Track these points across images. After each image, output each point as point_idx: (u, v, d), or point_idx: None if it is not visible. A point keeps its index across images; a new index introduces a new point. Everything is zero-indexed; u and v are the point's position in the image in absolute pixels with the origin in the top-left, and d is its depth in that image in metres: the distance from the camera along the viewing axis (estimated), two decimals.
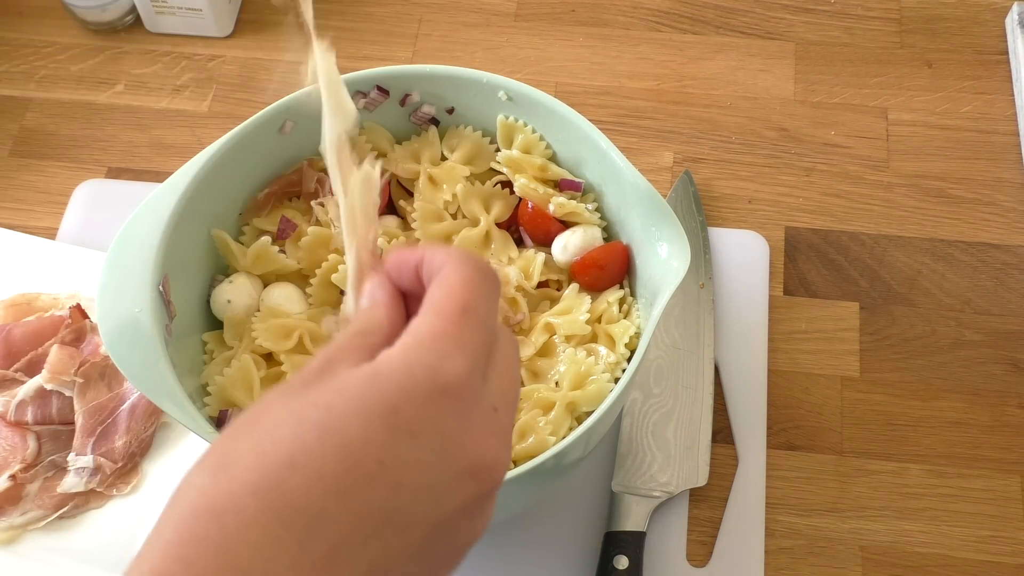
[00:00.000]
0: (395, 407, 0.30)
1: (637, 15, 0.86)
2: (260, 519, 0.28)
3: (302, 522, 0.29)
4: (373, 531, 0.30)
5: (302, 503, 0.29)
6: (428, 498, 0.31)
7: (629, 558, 0.60)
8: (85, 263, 0.73)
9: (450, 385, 0.31)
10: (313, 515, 0.29)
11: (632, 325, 0.56)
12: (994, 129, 0.78)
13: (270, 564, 0.28)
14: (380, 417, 0.30)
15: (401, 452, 0.30)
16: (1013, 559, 0.62)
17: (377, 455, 0.30)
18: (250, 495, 0.29)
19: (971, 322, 0.70)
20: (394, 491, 0.30)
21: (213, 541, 0.28)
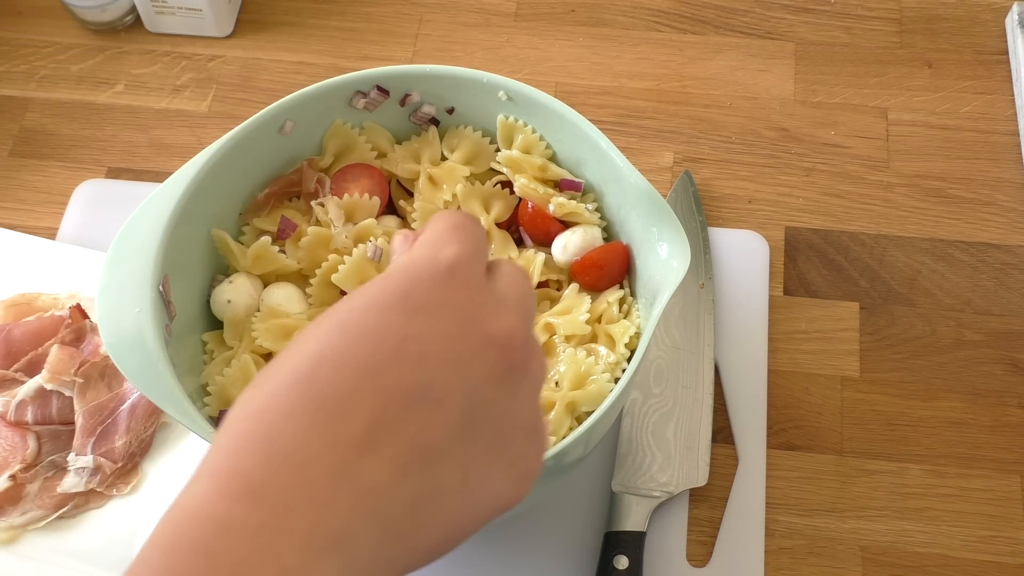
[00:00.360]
0: (406, 293, 0.33)
1: (637, 15, 0.86)
2: (297, 408, 0.30)
3: (336, 405, 0.31)
4: (407, 406, 0.31)
5: (333, 387, 0.31)
6: (454, 368, 0.32)
7: (629, 558, 0.60)
8: (85, 263, 0.73)
9: (453, 266, 0.34)
10: (346, 396, 0.31)
11: (632, 325, 0.56)
12: (994, 129, 0.78)
13: (312, 446, 0.30)
14: (394, 304, 0.33)
15: (420, 329, 0.32)
16: (1013, 559, 0.62)
17: (398, 335, 0.32)
18: (285, 393, 0.31)
19: (971, 322, 0.70)
20: (420, 364, 0.32)
21: (257, 435, 0.30)
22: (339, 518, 0.30)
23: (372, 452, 0.31)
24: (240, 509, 0.29)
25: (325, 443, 0.30)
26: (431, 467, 0.32)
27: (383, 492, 0.31)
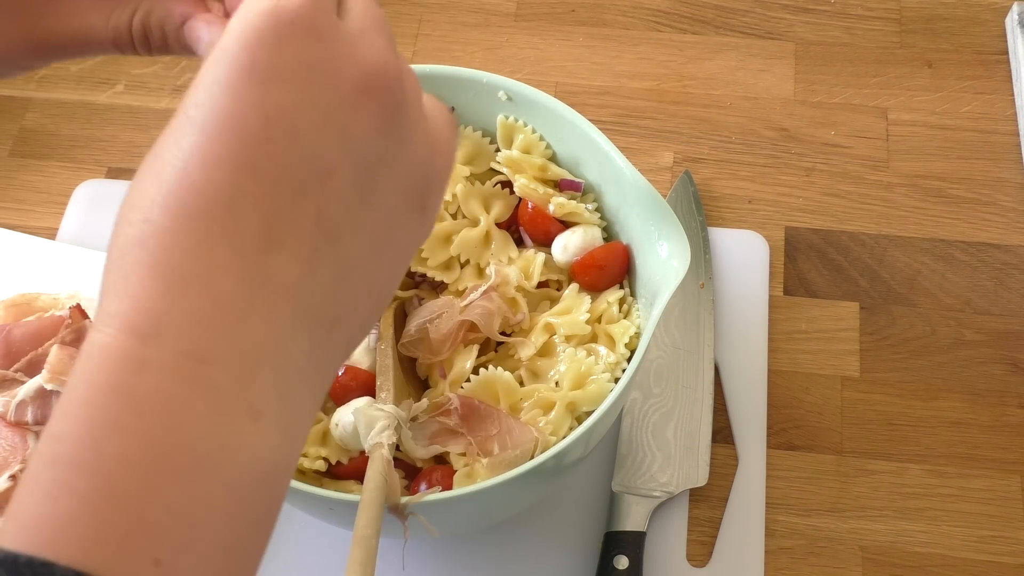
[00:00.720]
0: (251, 62, 0.28)
1: (637, 15, 0.86)
2: (180, 225, 0.27)
3: (221, 210, 0.27)
4: (297, 189, 0.28)
5: (212, 192, 0.27)
6: (331, 132, 0.29)
7: (629, 558, 0.60)
8: (85, 263, 0.73)
9: (296, 17, 0.29)
10: (227, 198, 0.27)
11: (632, 325, 0.56)
12: (994, 129, 0.78)
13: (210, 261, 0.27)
14: (241, 78, 0.28)
15: (280, 100, 0.28)
16: (1013, 559, 0.62)
17: (258, 114, 0.28)
18: (161, 212, 0.27)
19: (971, 322, 0.70)
20: (294, 140, 0.28)
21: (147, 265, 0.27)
22: (262, 327, 0.27)
23: (276, 248, 0.28)
24: (153, 344, 0.26)
25: (223, 253, 0.27)
26: (340, 243, 0.29)
27: (299, 285, 0.28)
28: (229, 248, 0.27)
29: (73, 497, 0.25)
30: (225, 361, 0.27)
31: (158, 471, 0.25)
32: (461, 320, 0.56)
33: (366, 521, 0.44)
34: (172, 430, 0.26)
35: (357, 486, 0.54)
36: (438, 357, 0.56)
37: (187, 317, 0.26)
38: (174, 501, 0.25)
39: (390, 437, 0.51)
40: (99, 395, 0.26)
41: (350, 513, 0.51)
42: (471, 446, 0.53)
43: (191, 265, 0.27)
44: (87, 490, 0.25)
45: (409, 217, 0.32)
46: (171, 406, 0.26)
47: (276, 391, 0.28)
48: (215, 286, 0.27)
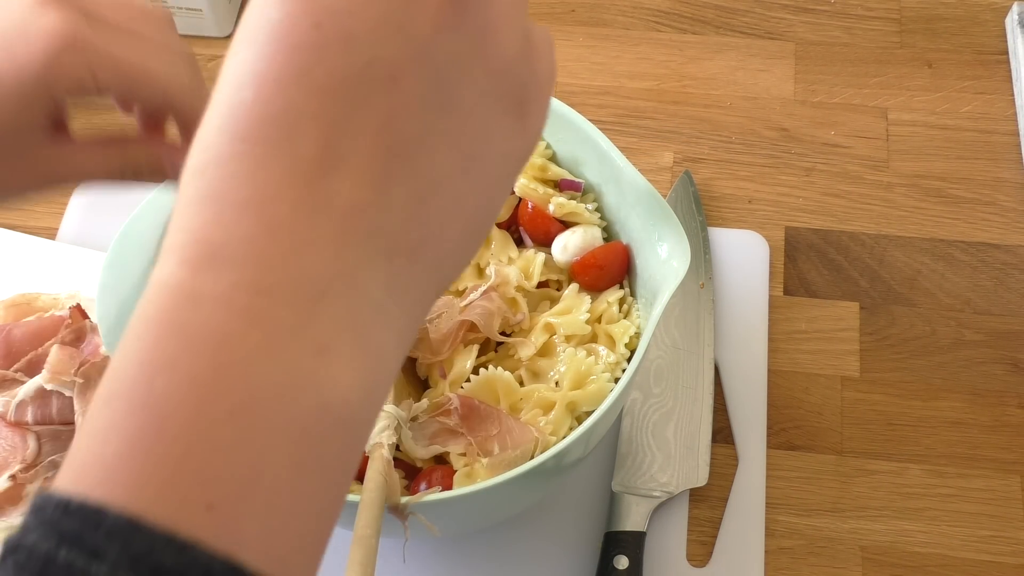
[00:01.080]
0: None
1: (637, 15, 0.86)
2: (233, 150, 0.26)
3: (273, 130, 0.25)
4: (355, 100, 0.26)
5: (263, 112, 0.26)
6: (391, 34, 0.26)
7: (629, 558, 0.60)
8: (85, 263, 0.73)
9: None
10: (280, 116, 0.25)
11: (632, 325, 0.56)
12: (994, 129, 0.78)
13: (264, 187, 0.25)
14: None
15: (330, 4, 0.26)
16: (1013, 559, 0.62)
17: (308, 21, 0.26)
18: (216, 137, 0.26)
19: (971, 322, 0.70)
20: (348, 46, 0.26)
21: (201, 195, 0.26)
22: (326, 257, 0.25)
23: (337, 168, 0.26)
24: (206, 276, 0.25)
25: (277, 177, 0.25)
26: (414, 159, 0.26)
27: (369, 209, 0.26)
28: (284, 171, 0.25)
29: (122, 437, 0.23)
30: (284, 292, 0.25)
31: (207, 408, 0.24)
32: (461, 320, 0.56)
33: (366, 521, 0.44)
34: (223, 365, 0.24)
35: (356, 486, 0.54)
36: (438, 357, 0.56)
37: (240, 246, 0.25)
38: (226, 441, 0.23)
39: (390, 437, 0.51)
40: (152, 330, 0.25)
41: (349, 513, 0.50)
42: (471, 446, 0.53)
43: (245, 191, 0.25)
44: (135, 429, 0.24)
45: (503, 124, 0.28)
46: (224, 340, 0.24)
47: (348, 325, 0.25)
48: (269, 212, 0.25)
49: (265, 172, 0.25)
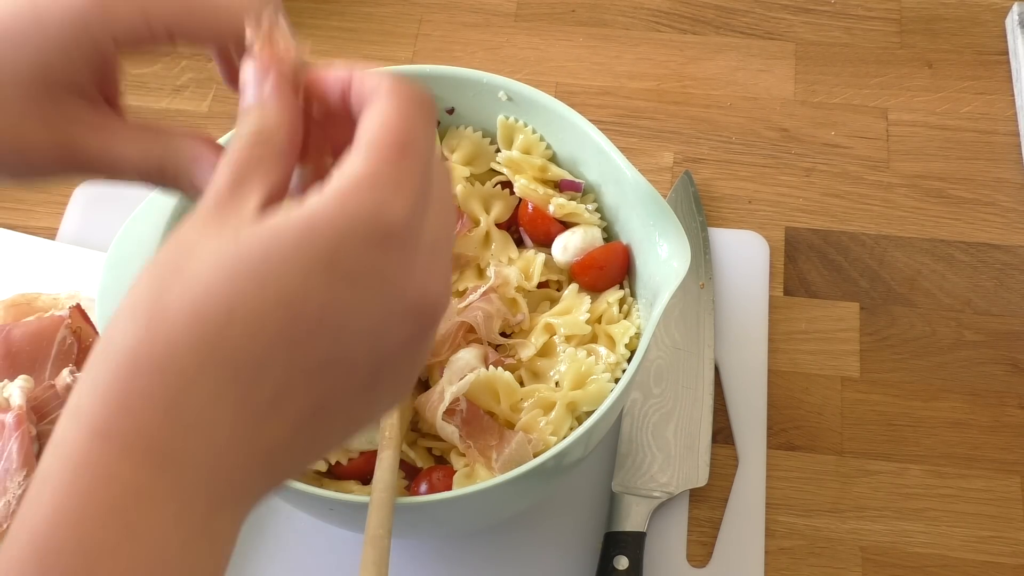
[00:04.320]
0: (334, 257, 0.29)
1: (637, 15, 0.86)
2: (204, 373, 0.29)
3: (246, 372, 0.29)
4: (318, 373, 0.30)
5: (245, 354, 0.29)
6: (370, 340, 0.31)
7: (629, 558, 0.60)
8: (85, 263, 0.73)
9: (391, 230, 0.30)
10: (257, 365, 0.29)
11: (632, 325, 0.56)
12: (994, 129, 0.78)
13: (217, 414, 0.29)
14: (319, 267, 0.29)
15: (342, 299, 0.30)
16: (1013, 559, 0.62)
17: (319, 302, 0.29)
18: (191, 350, 0.29)
19: (971, 322, 0.70)
20: (337, 337, 0.30)
21: (158, 396, 0.29)
22: (239, 476, 0.30)
23: (275, 416, 0.30)
24: (147, 475, 0.28)
25: (230, 411, 0.29)
26: (327, 421, 0.31)
27: (279, 449, 0.31)
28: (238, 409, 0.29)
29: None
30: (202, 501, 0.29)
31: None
32: (459, 321, 0.56)
33: (378, 521, 0.45)
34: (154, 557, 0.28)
35: (357, 486, 0.54)
36: (437, 358, 0.56)
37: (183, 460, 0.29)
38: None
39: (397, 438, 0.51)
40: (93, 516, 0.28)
41: (350, 513, 0.51)
42: (471, 448, 0.53)
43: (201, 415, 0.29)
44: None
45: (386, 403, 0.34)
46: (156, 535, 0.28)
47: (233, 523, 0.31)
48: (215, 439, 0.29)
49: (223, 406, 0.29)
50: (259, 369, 0.29)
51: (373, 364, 0.31)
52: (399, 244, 0.31)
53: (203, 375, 0.29)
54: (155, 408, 0.29)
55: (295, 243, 0.29)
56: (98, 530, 0.27)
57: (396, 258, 0.31)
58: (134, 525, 0.28)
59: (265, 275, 0.29)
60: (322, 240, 0.29)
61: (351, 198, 0.30)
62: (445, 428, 0.53)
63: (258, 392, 0.29)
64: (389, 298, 0.31)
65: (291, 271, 0.29)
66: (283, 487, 0.34)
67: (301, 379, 0.30)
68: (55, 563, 0.27)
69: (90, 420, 0.29)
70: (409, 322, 0.32)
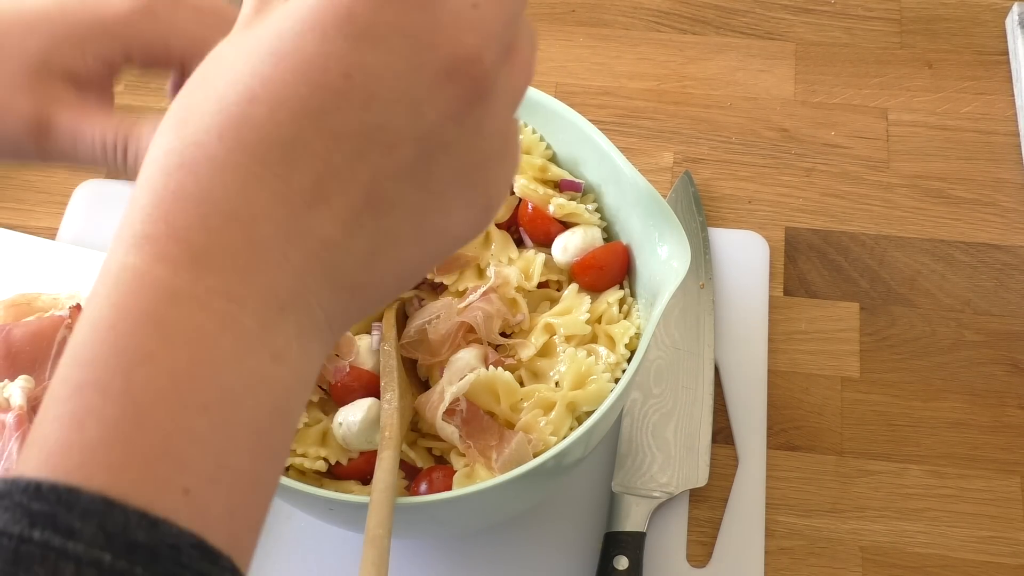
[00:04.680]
0: (350, 13, 0.27)
1: (637, 15, 0.86)
2: (232, 159, 0.27)
3: (277, 154, 0.27)
4: (356, 152, 0.28)
5: (272, 133, 0.27)
6: (406, 107, 0.28)
7: (629, 558, 0.60)
8: (85, 263, 0.73)
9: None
10: (287, 144, 0.27)
11: (632, 325, 0.56)
12: (994, 129, 0.78)
13: (255, 202, 0.27)
14: (335, 27, 0.27)
15: (366, 60, 0.27)
16: (1013, 560, 0.62)
17: (341, 68, 0.27)
18: (216, 139, 0.27)
19: (971, 322, 0.70)
20: (367, 104, 0.28)
21: (190, 193, 0.27)
22: (292, 278, 0.28)
23: (321, 205, 0.28)
24: (186, 276, 0.26)
25: (269, 198, 0.27)
26: (384, 217, 0.29)
27: (335, 247, 0.28)
28: (275, 194, 0.27)
29: (101, 423, 0.25)
30: (253, 304, 0.27)
31: (185, 401, 0.26)
32: (459, 321, 0.56)
33: (377, 521, 0.44)
34: (199, 363, 0.26)
35: (357, 486, 0.54)
36: (437, 358, 0.56)
37: (223, 256, 0.27)
38: (201, 431, 0.26)
39: (396, 439, 0.51)
40: (129, 322, 0.26)
41: (350, 513, 0.51)
42: (470, 449, 0.53)
43: (236, 204, 0.27)
44: (114, 417, 0.25)
45: (466, 209, 0.31)
46: (200, 340, 0.26)
47: (296, 340, 0.28)
48: (255, 230, 0.27)
49: (258, 191, 0.27)
50: (291, 150, 0.27)
51: (417, 140, 0.29)
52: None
53: (232, 162, 0.27)
54: (187, 204, 0.27)
55: (308, 8, 0.28)
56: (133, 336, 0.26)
57: (418, 11, 0.28)
58: (173, 330, 0.26)
59: (280, 49, 0.27)
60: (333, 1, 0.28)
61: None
62: (445, 428, 0.53)
63: (296, 177, 0.27)
64: (417, 57, 0.28)
65: (306, 39, 0.27)
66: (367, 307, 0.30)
67: (340, 157, 0.28)
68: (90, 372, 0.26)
69: (128, 232, 0.27)
70: (447, 86, 0.28)
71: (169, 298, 0.26)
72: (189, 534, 0.25)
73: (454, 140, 0.29)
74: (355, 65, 0.27)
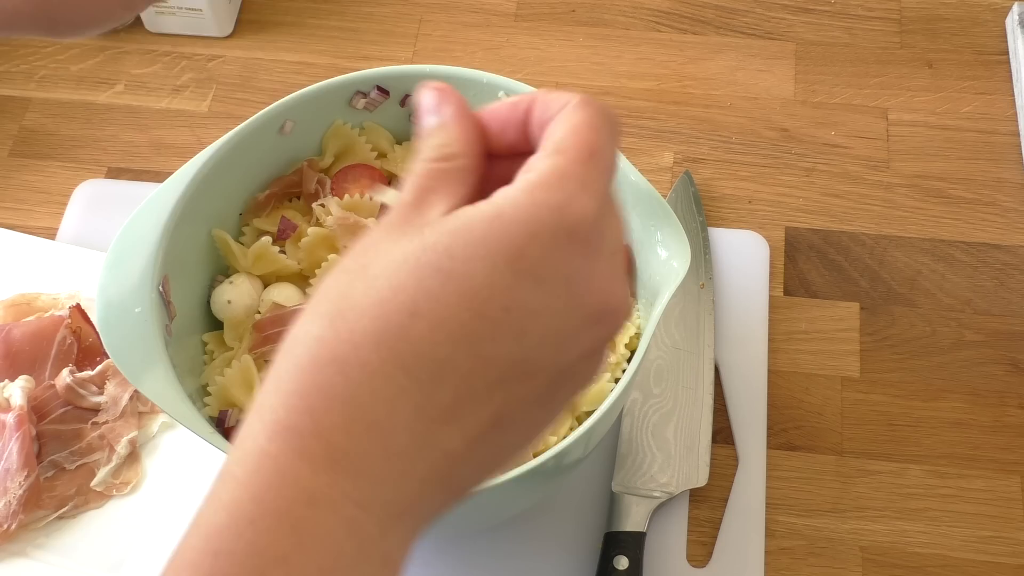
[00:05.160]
0: (521, 251, 0.29)
1: (637, 15, 0.86)
2: (385, 369, 0.28)
3: (427, 371, 0.28)
4: (498, 380, 0.29)
5: (427, 352, 0.28)
6: (554, 345, 0.30)
7: (629, 558, 0.60)
8: (85, 263, 0.73)
9: (577, 227, 0.30)
10: (438, 364, 0.28)
11: (632, 325, 0.56)
12: (994, 129, 0.78)
13: (397, 414, 0.28)
14: (505, 262, 0.29)
15: (527, 298, 0.29)
16: (1013, 560, 0.62)
17: (503, 301, 0.29)
18: (373, 345, 0.28)
19: (971, 322, 0.70)
20: (520, 338, 0.29)
21: (338, 393, 0.28)
22: (415, 488, 0.29)
23: (453, 423, 0.29)
24: (324, 478, 0.28)
25: (411, 412, 0.28)
26: (505, 433, 0.31)
27: (457, 460, 0.30)
28: (417, 409, 0.28)
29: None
30: (377, 511, 0.28)
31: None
32: None
33: None
34: (325, 569, 0.27)
35: None
36: None
37: (360, 462, 0.28)
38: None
39: None
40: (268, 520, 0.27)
41: None
42: None
43: (380, 413, 0.28)
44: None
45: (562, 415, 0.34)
46: (329, 545, 0.27)
47: (406, 543, 0.30)
48: (392, 440, 0.28)
49: (402, 404, 0.28)
50: (440, 369, 0.28)
51: (554, 372, 0.31)
52: (583, 244, 0.30)
53: (384, 371, 0.28)
54: (334, 404, 0.28)
55: (482, 236, 0.29)
56: (271, 535, 0.27)
57: (581, 259, 0.30)
58: (307, 533, 0.27)
59: (450, 270, 0.29)
60: (508, 233, 0.29)
61: (539, 192, 0.30)
62: None
63: (439, 395, 0.29)
64: (574, 301, 0.30)
65: (476, 266, 0.29)
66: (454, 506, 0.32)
67: (482, 382, 0.29)
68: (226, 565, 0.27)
69: (271, 417, 0.28)
70: (593, 329, 0.31)
71: (307, 500, 0.27)
72: None
73: (580, 371, 0.32)
74: (516, 300, 0.29)
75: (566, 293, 0.30)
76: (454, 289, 0.29)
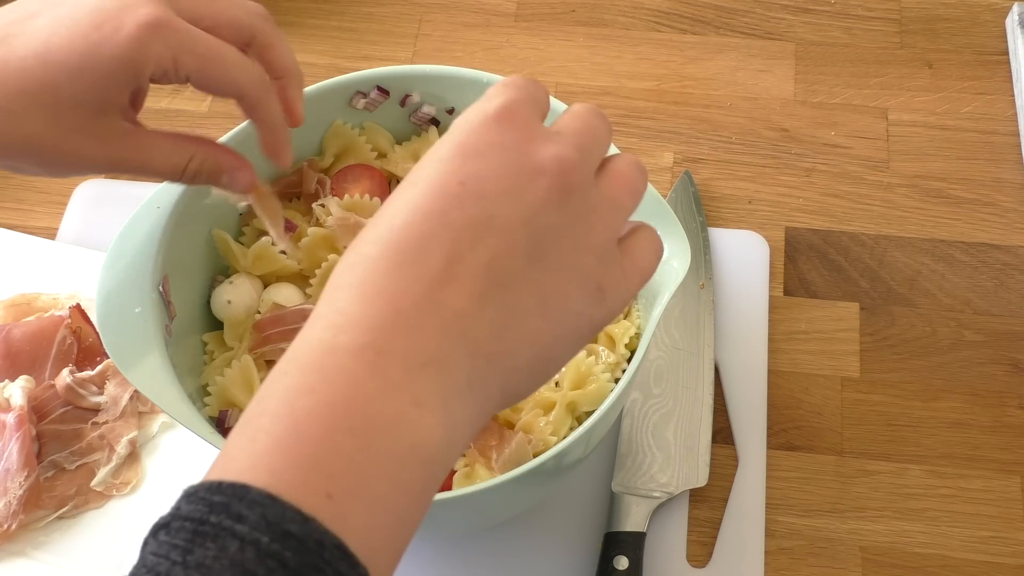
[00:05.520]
0: (460, 142, 0.37)
1: (637, 15, 0.86)
2: (381, 254, 0.35)
3: (414, 246, 0.35)
4: (476, 238, 0.35)
5: (408, 233, 0.35)
6: (511, 198, 0.36)
7: (629, 558, 0.60)
8: (85, 263, 0.73)
9: (501, 112, 0.37)
10: (421, 238, 0.35)
11: (632, 325, 0.56)
12: (994, 129, 0.78)
13: (398, 283, 0.34)
14: (450, 153, 0.37)
15: (475, 169, 0.36)
16: (1013, 560, 0.62)
17: (457, 177, 0.36)
18: (369, 247, 0.35)
19: (971, 322, 0.70)
20: (479, 200, 0.35)
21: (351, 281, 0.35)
22: (431, 341, 0.34)
23: (451, 282, 0.35)
24: (343, 336, 0.33)
25: (409, 279, 0.34)
26: (507, 291, 0.35)
27: (466, 317, 0.35)
28: (414, 276, 0.35)
29: (268, 438, 0.32)
30: (397, 357, 0.33)
31: (336, 424, 0.32)
32: None
33: None
34: (350, 398, 0.32)
35: None
36: None
37: (371, 320, 0.34)
38: (347, 449, 0.32)
39: None
40: (297, 368, 0.34)
41: None
42: (470, 448, 0.53)
43: (382, 284, 0.34)
44: (279, 433, 0.32)
45: (580, 291, 0.37)
46: (352, 381, 0.33)
47: (438, 394, 0.34)
48: (397, 302, 0.34)
49: (400, 275, 0.35)
50: (423, 242, 0.35)
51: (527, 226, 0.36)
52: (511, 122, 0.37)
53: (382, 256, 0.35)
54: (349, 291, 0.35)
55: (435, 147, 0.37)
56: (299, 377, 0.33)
57: (511, 131, 0.37)
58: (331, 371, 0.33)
59: (413, 178, 0.37)
60: (449, 136, 0.37)
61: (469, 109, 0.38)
62: None
63: (430, 261, 0.35)
64: (514, 159, 0.36)
65: (430, 165, 0.37)
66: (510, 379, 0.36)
67: (462, 243, 0.35)
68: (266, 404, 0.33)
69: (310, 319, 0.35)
70: (540, 180, 0.36)
71: (330, 351, 0.33)
72: (333, 535, 0.30)
73: (558, 225, 0.37)
74: (468, 173, 0.36)
75: (507, 155, 0.37)
76: (419, 188, 0.36)
